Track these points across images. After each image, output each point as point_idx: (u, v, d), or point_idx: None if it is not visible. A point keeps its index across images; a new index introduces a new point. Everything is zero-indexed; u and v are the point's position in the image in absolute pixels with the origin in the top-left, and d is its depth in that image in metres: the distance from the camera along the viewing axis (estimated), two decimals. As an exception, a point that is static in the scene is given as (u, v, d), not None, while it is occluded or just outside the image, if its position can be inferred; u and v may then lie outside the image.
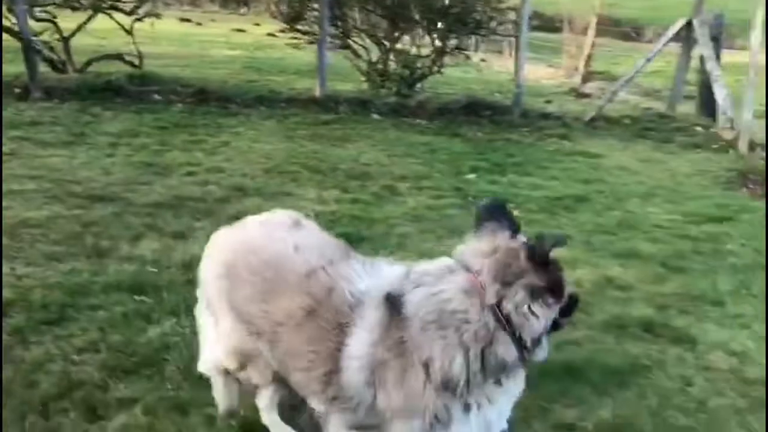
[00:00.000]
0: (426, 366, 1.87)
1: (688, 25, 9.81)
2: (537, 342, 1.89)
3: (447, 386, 1.88)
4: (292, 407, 2.54)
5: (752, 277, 4.65)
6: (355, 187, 6.17)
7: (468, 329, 1.85)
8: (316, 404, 2.15)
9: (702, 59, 9.84)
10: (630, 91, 13.42)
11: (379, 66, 10.20)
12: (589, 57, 13.29)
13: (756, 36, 8.54)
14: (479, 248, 1.93)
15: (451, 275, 1.93)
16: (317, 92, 9.61)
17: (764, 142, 8.71)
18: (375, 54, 10.33)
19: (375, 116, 9.21)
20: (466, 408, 1.92)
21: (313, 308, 2.05)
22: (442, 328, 1.86)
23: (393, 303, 1.93)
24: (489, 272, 1.87)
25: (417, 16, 9.90)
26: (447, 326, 1.86)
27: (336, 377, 2.01)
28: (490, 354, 1.86)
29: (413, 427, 1.94)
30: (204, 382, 2.60)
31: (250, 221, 2.39)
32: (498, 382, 1.93)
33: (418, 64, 10.21)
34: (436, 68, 10.19)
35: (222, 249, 2.32)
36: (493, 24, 10.16)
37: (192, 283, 2.65)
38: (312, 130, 8.20)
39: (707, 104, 10.01)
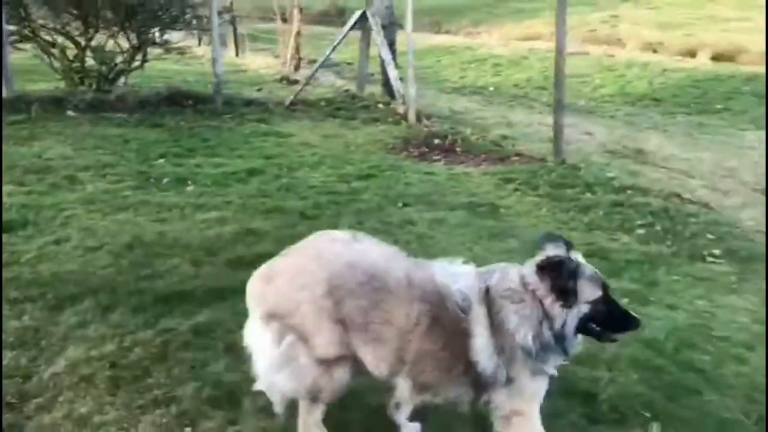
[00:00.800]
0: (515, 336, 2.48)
1: (365, 15, 11.37)
2: (561, 337, 2.48)
3: (529, 352, 2.48)
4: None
5: (369, 216, 5.97)
6: (32, 180, 6.49)
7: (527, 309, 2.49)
8: (452, 396, 2.61)
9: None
10: (338, 76, 15.02)
11: (76, 64, 10.31)
12: (298, 46, 14.54)
13: (408, 23, 10.22)
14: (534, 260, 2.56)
15: (511, 273, 2.58)
16: (4, 93, 9.49)
17: (430, 113, 10.61)
18: (72, 52, 10.41)
19: (70, 113, 9.39)
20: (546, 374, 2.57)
21: (434, 313, 2.49)
22: (517, 304, 2.50)
23: (488, 295, 2.52)
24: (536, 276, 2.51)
25: (109, 14, 10.19)
26: (519, 302, 2.50)
27: (473, 370, 2.50)
28: (541, 333, 2.47)
29: (537, 387, 2.56)
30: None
31: (310, 243, 2.71)
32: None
33: (118, 60, 10.51)
34: (137, 63, 10.58)
35: (309, 275, 2.53)
36: (188, 17, 10.79)
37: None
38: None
39: (389, 84, 11.71)
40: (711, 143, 10.67)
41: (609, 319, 2.53)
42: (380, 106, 11.31)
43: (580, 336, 2.57)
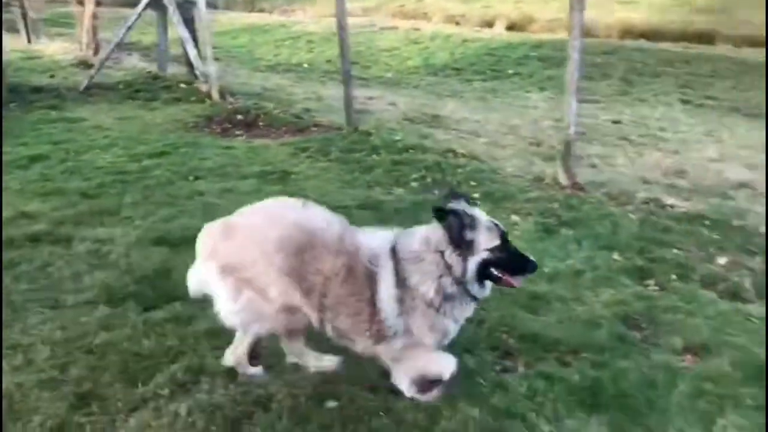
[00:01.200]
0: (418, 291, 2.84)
1: (159, -7, 11.14)
2: (463, 282, 2.83)
3: (431, 305, 2.85)
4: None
5: (157, 191, 6.06)
6: None
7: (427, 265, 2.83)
8: (361, 344, 2.95)
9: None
10: (144, 58, 14.55)
11: None
12: (95, 28, 13.92)
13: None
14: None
15: (417, 234, 2.91)
16: None
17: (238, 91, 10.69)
18: None
19: None
20: (454, 322, 2.95)
21: (351, 265, 2.85)
22: (418, 263, 2.84)
23: (395, 253, 2.86)
24: (437, 232, 2.84)
25: None
26: (420, 262, 2.84)
27: (377, 316, 2.83)
28: (442, 285, 2.82)
29: (432, 340, 2.91)
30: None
31: (263, 206, 3.05)
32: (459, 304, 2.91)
33: None
34: None
35: (262, 233, 2.89)
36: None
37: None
38: None
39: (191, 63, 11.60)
40: (500, 105, 11.78)
41: (508, 264, 2.85)
42: (183, 85, 11.20)
43: (488, 282, 2.92)
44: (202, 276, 2.99)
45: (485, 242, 2.82)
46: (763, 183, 6.91)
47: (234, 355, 3.22)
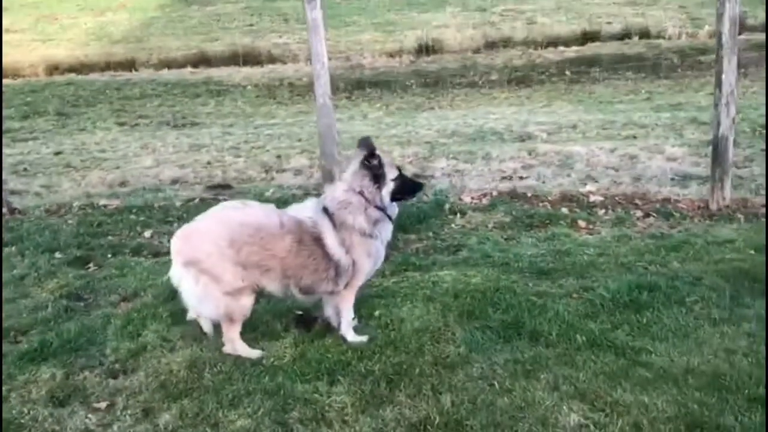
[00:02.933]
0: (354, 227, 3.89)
1: None
2: (383, 208, 3.92)
3: (365, 233, 3.89)
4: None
5: None
6: None
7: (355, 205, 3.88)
8: (323, 290, 3.97)
9: None
10: None
11: None
12: None
13: None
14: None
15: (337, 188, 3.98)
16: None
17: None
18: None
19: None
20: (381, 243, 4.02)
21: (299, 238, 3.82)
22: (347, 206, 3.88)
23: (326, 210, 3.90)
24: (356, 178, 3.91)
25: None
26: (348, 205, 3.88)
27: (332, 264, 3.87)
28: (369, 214, 3.89)
29: (370, 263, 4.00)
30: None
31: (215, 212, 3.96)
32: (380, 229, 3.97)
33: None
34: None
35: (215, 231, 3.79)
36: None
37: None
38: None
39: None
40: None
41: (406, 189, 4.03)
42: None
43: (395, 204, 3.99)
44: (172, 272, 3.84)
45: (391, 174, 3.92)
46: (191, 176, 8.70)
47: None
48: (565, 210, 6.22)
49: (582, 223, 5.92)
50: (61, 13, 21.67)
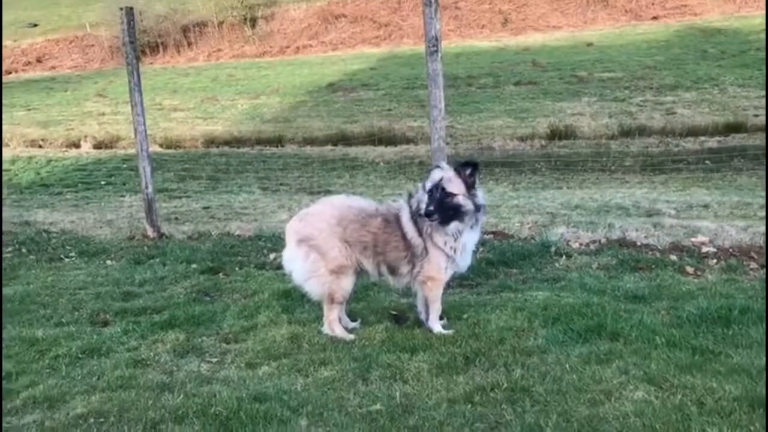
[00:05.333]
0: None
1: None
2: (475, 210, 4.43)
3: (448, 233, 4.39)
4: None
5: None
6: None
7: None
8: (405, 271, 4.48)
9: None
10: None
11: None
12: None
13: None
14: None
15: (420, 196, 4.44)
16: None
17: None
18: None
19: None
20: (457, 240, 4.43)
21: (387, 218, 4.47)
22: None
23: (409, 200, 4.49)
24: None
25: None
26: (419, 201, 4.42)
27: (407, 244, 4.40)
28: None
29: (441, 256, 4.41)
30: None
31: (325, 199, 4.81)
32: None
33: None
34: None
35: (327, 212, 4.50)
36: None
37: None
38: None
39: None
40: (96, 207, 12.84)
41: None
42: None
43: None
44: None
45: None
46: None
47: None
48: (674, 257, 6.28)
49: (689, 269, 5.95)
50: (221, 96, 24.38)
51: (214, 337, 4.54)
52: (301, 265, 4.45)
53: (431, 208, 4.21)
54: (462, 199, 4.27)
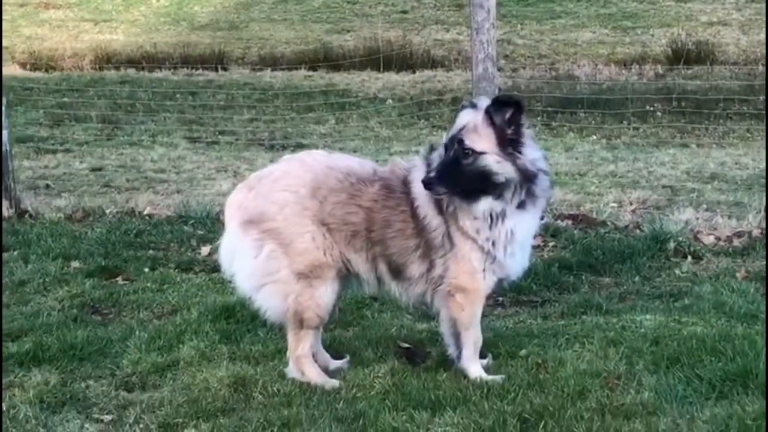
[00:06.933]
0: None
1: None
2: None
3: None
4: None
5: None
6: None
7: None
8: (414, 272, 4.41)
9: None
10: None
11: None
12: None
13: None
14: None
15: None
16: None
17: None
18: None
19: None
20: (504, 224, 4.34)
21: (388, 185, 4.43)
22: None
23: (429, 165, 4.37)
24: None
25: None
26: None
27: (419, 225, 4.36)
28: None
29: (475, 251, 4.33)
30: None
31: (298, 157, 4.65)
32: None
33: None
34: None
35: (294, 179, 4.39)
36: None
37: None
38: None
39: None
40: None
41: None
42: None
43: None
44: None
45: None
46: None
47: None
48: None
49: None
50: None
51: (107, 381, 4.55)
52: (250, 264, 4.36)
53: (433, 174, 4.17)
54: (492, 161, 4.19)
